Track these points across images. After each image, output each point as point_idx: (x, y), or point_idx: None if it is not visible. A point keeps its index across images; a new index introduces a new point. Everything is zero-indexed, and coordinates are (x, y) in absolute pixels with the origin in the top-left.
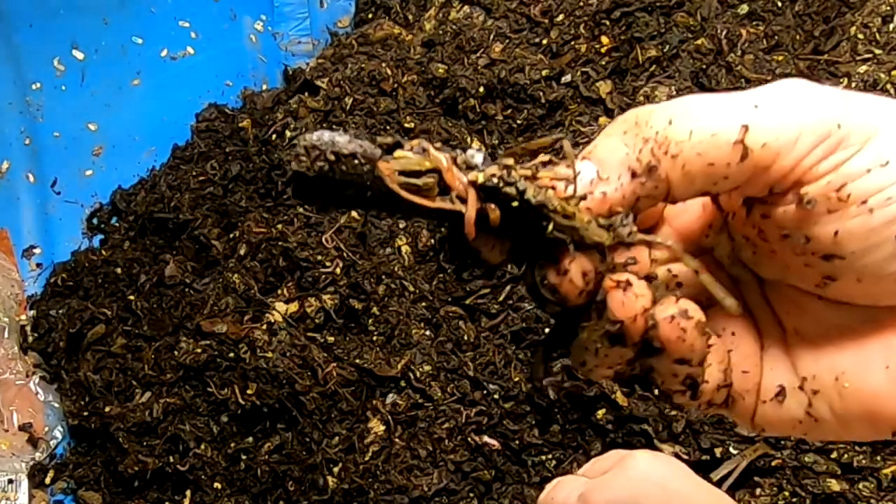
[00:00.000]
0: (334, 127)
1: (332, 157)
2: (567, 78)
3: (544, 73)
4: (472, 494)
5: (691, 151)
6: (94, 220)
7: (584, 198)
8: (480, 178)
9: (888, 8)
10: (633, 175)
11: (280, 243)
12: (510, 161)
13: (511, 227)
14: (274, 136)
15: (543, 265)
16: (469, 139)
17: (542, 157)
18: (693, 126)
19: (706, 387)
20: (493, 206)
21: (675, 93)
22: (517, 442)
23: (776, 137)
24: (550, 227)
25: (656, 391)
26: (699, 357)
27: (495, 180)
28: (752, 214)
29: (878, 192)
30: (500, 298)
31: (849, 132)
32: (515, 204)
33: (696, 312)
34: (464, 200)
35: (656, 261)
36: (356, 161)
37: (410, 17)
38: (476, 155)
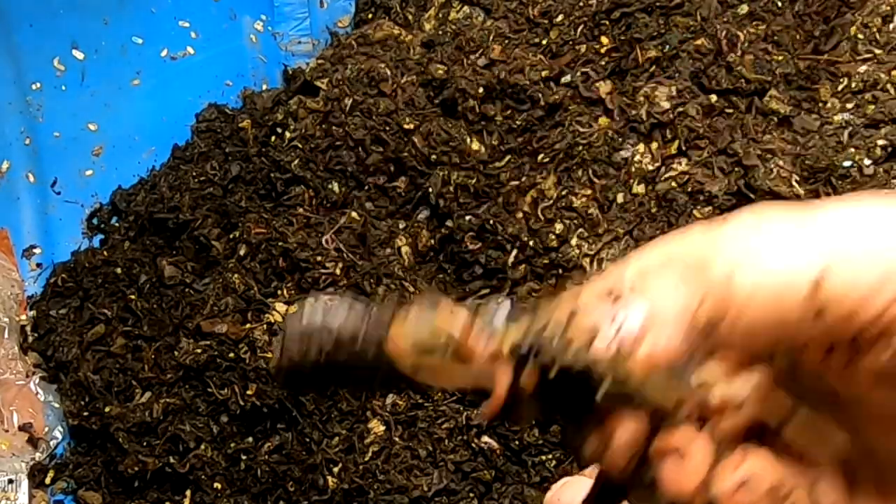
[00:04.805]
0: (324, 291)
1: (330, 347)
2: (567, 78)
3: (544, 73)
4: (472, 494)
5: (754, 312)
6: (94, 220)
7: (634, 350)
8: (505, 349)
9: (888, 8)
10: (691, 332)
11: (280, 243)
12: (541, 323)
13: (548, 392)
14: (274, 137)
15: (582, 429)
16: (468, 140)
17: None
18: (755, 280)
19: None
20: (528, 371)
21: (674, 93)
22: (517, 442)
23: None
24: (601, 394)
25: None
26: None
27: (524, 350)
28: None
29: None
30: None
31: None
32: (553, 375)
33: (766, 473)
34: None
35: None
36: (358, 345)
37: (410, 17)
38: (498, 312)
